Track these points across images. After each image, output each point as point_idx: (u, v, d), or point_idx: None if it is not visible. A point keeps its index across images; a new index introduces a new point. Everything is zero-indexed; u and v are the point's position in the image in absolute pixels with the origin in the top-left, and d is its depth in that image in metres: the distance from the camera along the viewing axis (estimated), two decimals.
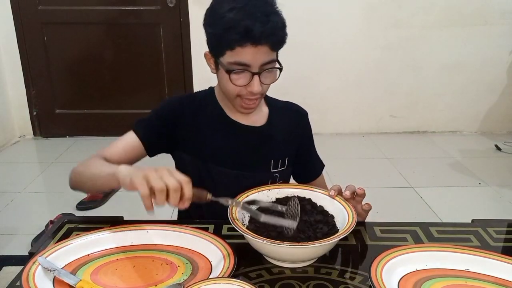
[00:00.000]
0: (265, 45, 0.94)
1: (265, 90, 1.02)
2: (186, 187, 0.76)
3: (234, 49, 0.94)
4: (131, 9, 3.26)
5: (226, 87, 1.00)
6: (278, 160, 1.10)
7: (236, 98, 1.01)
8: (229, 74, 0.97)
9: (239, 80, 0.97)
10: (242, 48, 0.93)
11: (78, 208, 2.37)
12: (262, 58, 0.95)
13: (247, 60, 0.95)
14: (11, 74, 3.33)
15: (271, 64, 0.98)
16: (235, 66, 0.96)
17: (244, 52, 0.94)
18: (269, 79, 1.00)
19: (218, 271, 0.75)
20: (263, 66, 0.96)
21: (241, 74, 0.96)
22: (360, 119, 3.52)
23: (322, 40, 3.29)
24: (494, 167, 2.93)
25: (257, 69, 0.96)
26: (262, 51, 0.94)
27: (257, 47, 0.93)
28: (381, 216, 2.14)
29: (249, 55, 0.94)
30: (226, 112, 1.10)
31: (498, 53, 3.35)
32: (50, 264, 0.75)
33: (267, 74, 0.99)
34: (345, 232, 0.78)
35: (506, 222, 0.97)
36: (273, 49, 0.97)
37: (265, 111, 1.14)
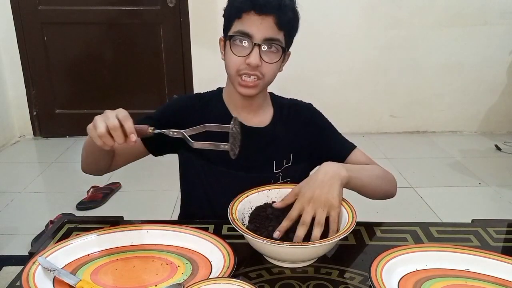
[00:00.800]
0: (269, 17, 0.95)
1: (266, 73, 1.00)
2: (125, 124, 0.81)
3: (241, 18, 0.96)
4: (131, 9, 3.26)
5: (228, 61, 1.00)
6: (282, 159, 1.10)
7: (236, 77, 1.00)
8: (231, 43, 0.98)
9: (240, 50, 0.98)
10: (247, 15, 0.96)
11: (78, 208, 2.37)
12: (265, 32, 0.96)
13: (250, 29, 0.96)
14: (11, 74, 3.33)
15: (275, 41, 0.98)
16: (237, 34, 0.97)
17: (248, 21, 0.96)
18: (270, 58, 0.99)
19: (218, 271, 0.75)
20: (266, 41, 0.97)
21: (242, 44, 0.97)
22: (360, 119, 3.52)
23: (322, 40, 3.29)
24: (494, 167, 2.93)
25: (259, 41, 0.96)
26: (266, 23, 0.95)
27: (261, 16, 0.95)
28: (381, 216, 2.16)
29: (253, 25, 0.95)
30: (232, 112, 1.10)
31: (498, 53, 3.35)
32: (50, 264, 0.75)
33: (269, 52, 0.98)
34: (345, 232, 0.78)
35: (506, 222, 0.97)
36: (278, 26, 0.97)
37: (270, 111, 1.13)
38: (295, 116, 1.14)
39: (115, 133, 0.81)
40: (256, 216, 0.88)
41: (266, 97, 1.14)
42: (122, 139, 0.81)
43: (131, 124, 0.82)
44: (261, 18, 0.95)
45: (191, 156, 1.11)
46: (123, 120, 0.82)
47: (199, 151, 1.08)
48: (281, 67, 1.07)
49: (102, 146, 0.84)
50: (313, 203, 0.83)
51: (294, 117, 1.14)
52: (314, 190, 0.85)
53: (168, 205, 2.28)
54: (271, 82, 1.05)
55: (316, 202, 0.83)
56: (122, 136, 0.81)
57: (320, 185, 0.85)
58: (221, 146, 0.84)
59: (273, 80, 1.05)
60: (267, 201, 0.93)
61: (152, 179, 2.67)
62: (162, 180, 2.57)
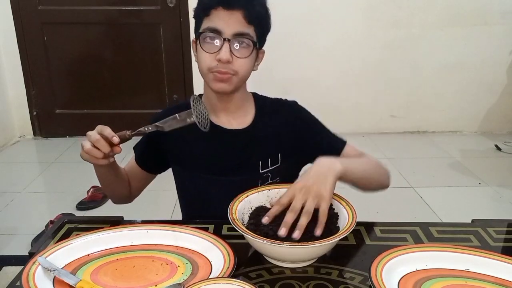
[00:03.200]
0: (238, 11, 0.94)
1: (239, 68, 0.98)
2: (105, 131, 0.87)
3: (209, 15, 0.96)
4: (131, 9, 3.26)
5: (199, 60, 1.00)
6: (267, 159, 1.08)
7: (208, 74, 0.99)
8: (200, 40, 0.97)
9: (210, 46, 0.97)
10: (216, 11, 0.95)
11: (78, 208, 2.37)
12: (234, 26, 0.95)
13: (219, 25, 0.95)
14: (11, 74, 3.33)
15: (245, 36, 0.96)
16: (206, 31, 0.96)
17: (217, 16, 0.95)
18: (241, 52, 0.97)
19: (218, 271, 0.75)
20: (236, 37, 0.96)
21: (212, 41, 0.96)
22: (360, 119, 3.52)
23: (322, 40, 3.29)
24: (494, 167, 2.93)
25: (229, 36, 0.95)
26: (235, 17, 0.95)
27: (229, 11, 0.94)
28: (381, 216, 2.16)
29: (222, 20, 0.95)
30: (211, 118, 1.07)
31: (498, 53, 3.35)
32: (50, 264, 0.75)
33: (240, 48, 0.97)
34: (345, 232, 0.78)
35: (506, 222, 0.97)
36: (248, 20, 0.96)
37: (252, 112, 1.11)
38: (278, 115, 1.12)
39: (99, 144, 0.87)
40: (256, 216, 0.88)
41: (247, 98, 1.11)
42: (106, 147, 0.87)
43: (110, 131, 0.88)
44: (229, 13, 0.95)
45: (178, 169, 1.13)
46: (102, 130, 0.88)
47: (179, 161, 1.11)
48: (256, 66, 1.05)
49: (95, 161, 0.90)
50: (305, 192, 0.82)
51: (277, 116, 1.12)
52: (307, 180, 0.84)
53: (168, 205, 2.28)
54: (245, 79, 1.04)
55: (308, 191, 0.82)
56: (106, 144, 0.87)
57: (314, 176, 0.85)
58: (188, 120, 0.89)
59: (247, 78, 1.04)
60: (267, 201, 0.93)
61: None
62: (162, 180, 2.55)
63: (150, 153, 1.15)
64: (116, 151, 0.89)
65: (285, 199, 0.83)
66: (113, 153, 0.90)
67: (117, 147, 0.88)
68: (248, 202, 0.90)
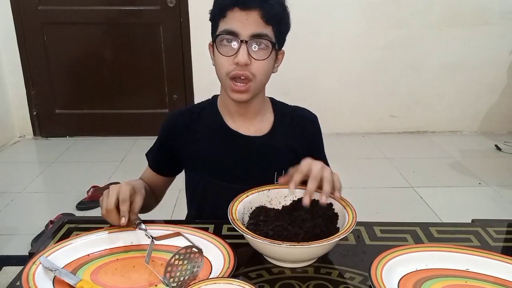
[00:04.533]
0: (254, 11, 0.92)
1: (256, 72, 0.95)
2: (122, 206, 0.85)
3: (225, 17, 0.93)
4: (131, 9, 3.26)
5: (217, 64, 0.98)
6: (281, 171, 1.03)
7: (227, 80, 0.96)
8: (217, 44, 0.95)
9: (227, 49, 0.94)
10: (232, 12, 0.92)
11: (78, 208, 2.37)
12: (252, 28, 0.92)
13: (235, 27, 0.92)
14: (11, 74, 3.33)
15: (263, 38, 0.93)
16: (223, 34, 0.94)
17: (233, 18, 0.92)
18: (259, 54, 0.94)
19: (218, 271, 0.75)
20: (254, 38, 0.93)
21: (230, 44, 0.94)
22: (360, 119, 3.52)
23: (322, 40, 3.29)
24: (494, 167, 2.93)
25: (246, 38, 0.92)
26: (252, 19, 0.92)
27: (246, 12, 0.92)
28: (381, 216, 2.16)
29: (238, 22, 0.92)
30: (227, 121, 1.06)
31: (498, 53, 3.35)
32: (51, 264, 0.75)
33: (258, 49, 0.94)
34: (345, 232, 0.78)
35: (506, 222, 0.97)
36: (265, 20, 0.93)
37: (270, 119, 1.08)
38: (297, 126, 1.09)
39: (109, 216, 0.86)
40: (256, 216, 0.88)
41: (265, 103, 1.09)
42: (116, 221, 0.86)
43: (127, 207, 0.86)
44: (245, 13, 0.92)
45: (190, 172, 1.11)
46: (120, 203, 0.86)
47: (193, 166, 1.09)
48: (275, 67, 1.02)
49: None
50: (322, 166, 0.86)
51: (295, 127, 1.09)
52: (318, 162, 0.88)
53: (168, 205, 2.28)
54: (265, 83, 1.00)
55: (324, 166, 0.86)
56: (117, 218, 0.86)
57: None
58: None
59: (267, 81, 1.00)
60: (267, 201, 0.93)
61: None
62: None
63: (164, 158, 1.13)
64: (121, 222, 0.86)
65: (305, 168, 0.86)
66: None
67: (122, 223, 0.85)
68: (248, 202, 0.90)
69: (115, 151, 3.21)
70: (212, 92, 1.15)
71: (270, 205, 0.93)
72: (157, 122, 1.21)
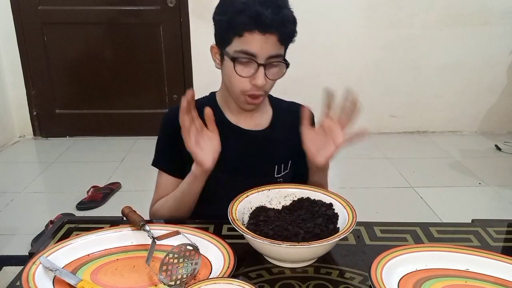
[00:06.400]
0: (273, 35, 0.92)
1: (269, 87, 1.00)
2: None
3: (242, 36, 0.93)
4: (131, 9, 3.26)
5: (231, 80, 0.98)
6: (281, 164, 1.08)
7: (240, 96, 0.99)
8: (234, 63, 0.95)
9: (244, 71, 0.95)
10: (250, 34, 0.92)
11: (78, 208, 2.37)
12: (269, 50, 0.93)
13: (254, 49, 0.93)
14: (11, 74, 3.33)
15: (278, 58, 0.96)
16: (241, 55, 0.94)
17: (252, 40, 0.92)
18: (274, 74, 0.97)
19: (218, 271, 0.75)
20: (270, 59, 0.94)
21: (246, 64, 0.95)
22: (360, 119, 3.51)
23: (322, 40, 3.29)
24: (494, 167, 2.93)
25: (263, 60, 0.94)
26: (270, 41, 0.93)
27: (266, 35, 0.92)
28: (381, 216, 2.16)
29: (257, 44, 0.92)
30: (227, 116, 1.08)
31: (498, 53, 3.35)
32: (51, 264, 0.75)
33: (273, 69, 0.96)
34: (345, 232, 0.78)
35: (506, 222, 0.97)
36: (281, 42, 0.95)
37: (269, 113, 1.11)
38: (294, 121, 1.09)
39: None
40: (256, 216, 0.88)
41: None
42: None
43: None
44: (265, 37, 0.92)
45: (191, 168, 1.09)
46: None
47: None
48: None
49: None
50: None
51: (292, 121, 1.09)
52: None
53: None
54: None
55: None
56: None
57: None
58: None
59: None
60: (267, 201, 0.93)
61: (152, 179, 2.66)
62: None
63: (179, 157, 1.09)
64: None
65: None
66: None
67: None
68: (248, 202, 0.90)
69: (115, 151, 3.21)
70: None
71: (270, 205, 0.93)
72: (157, 122, 1.19)
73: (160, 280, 0.73)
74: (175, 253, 0.73)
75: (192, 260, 0.75)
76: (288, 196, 0.94)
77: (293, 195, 0.93)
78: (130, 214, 0.89)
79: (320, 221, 0.85)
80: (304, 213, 0.87)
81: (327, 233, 0.82)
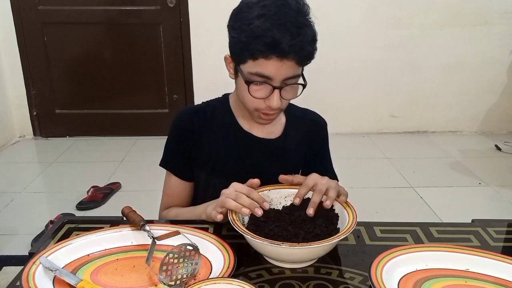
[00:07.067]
0: (291, 59, 0.88)
1: (285, 106, 0.97)
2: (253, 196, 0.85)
3: (257, 59, 0.89)
4: (131, 9, 3.26)
5: (244, 98, 0.96)
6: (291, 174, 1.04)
7: (254, 112, 0.97)
8: (248, 85, 0.92)
9: (258, 92, 0.92)
10: (266, 60, 0.88)
11: (78, 208, 2.37)
12: (286, 73, 0.89)
13: (269, 73, 0.89)
14: (11, 74, 3.33)
15: (294, 79, 0.92)
16: (255, 77, 0.90)
17: (267, 64, 0.88)
18: (290, 94, 0.94)
19: (218, 271, 0.75)
20: (286, 81, 0.91)
21: (261, 86, 0.91)
22: (360, 119, 3.52)
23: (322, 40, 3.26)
24: (494, 167, 2.93)
25: (279, 83, 0.90)
26: (287, 65, 0.88)
27: (283, 60, 0.88)
28: (381, 216, 2.16)
29: (273, 68, 0.88)
30: (240, 122, 1.06)
31: (498, 53, 3.35)
32: (51, 264, 0.75)
33: (289, 89, 0.93)
34: (345, 233, 0.78)
35: (506, 222, 0.97)
36: (299, 64, 0.91)
37: (282, 121, 1.08)
38: (307, 130, 1.10)
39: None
40: (256, 216, 0.88)
41: None
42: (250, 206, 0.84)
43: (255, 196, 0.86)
44: (282, 62, 0.88)
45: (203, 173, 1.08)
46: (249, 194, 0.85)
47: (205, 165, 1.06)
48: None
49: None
50: (327, 180, 0.86)
51: (306, 131, 1.09)
52: (322, 177, 0.87)
53: None
54: None
55: (328, 181, 0.86)
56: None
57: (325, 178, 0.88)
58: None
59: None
60: (267, 201, 0.93)
61: (152, 179, 2.67)
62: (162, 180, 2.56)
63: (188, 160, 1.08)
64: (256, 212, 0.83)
65: (311, 182, 0.86)
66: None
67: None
68: None
69: (115, 151, 3.21)
70: (212, 92, 1.15)
71: (270, 206, 0.93)
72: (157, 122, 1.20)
73: (160, 280, 0.73)
74: (175, 253, 0.73)
75: (192, 260, 0.75)
76: (288, 197, 0.94)
77: (293, 196, 0.93)
78: (130, 214, 0.89)
79: (320, 221, 0.85)
80: (304, 213, 0.87)
81: (327, 233, 0.82)
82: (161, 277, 0.72)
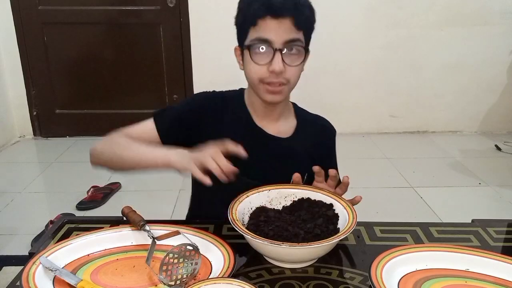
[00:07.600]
0: (287, 19, 0.92)
1: (291, 77, 0.97)
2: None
3: (256, 25, 0.93)
4: (131, 9, 3.26)
5: (250, 72, 0.97)
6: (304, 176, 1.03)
7: (259, 85, 0.97)
8: (250, 52, 0.94)
9: (260, 57, 0.94)
10: (263, 21, 0.92)
11: (78, 208, 2.37)
12: (285, 35, 0.92)
13: (268, 35, 0.92)
14: (11, 74, 3.33)
15: (295, 43, 0.94)
16: (256, 42, 0.94)
17: (265, 27, 0.92)
18: (293, 60, 0.95)
19: (218, 271, 0.75)
20: (287, 44, 0.93)
21: (262, 51, 0.94)
22: (360, 119, 3.52)
23: (322, 40, 3.28)
24: (494, 167, 2.93)
25: (279, 45, 0.93)
26: (284, 26, 0.92)
27: (279, 20, 0.92)
28: (381, 216, 2.16)
29: (271, 30, 0.92)
30: (253, 117, 1.07)
31: (498, 53, 3.35)
32: (51, 264, 0.75)
33: (291, 55, 0.94)
34: (345, 232, 0.78)
35: (506, 222, 0.97)
36: (297, 26, 0.93)
37: (293, 122, 1.10)
38: (316, 134, 1.11)
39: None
40: (256, 216, 0.88)
41: (288, 106, 1.11)
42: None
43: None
44: (278, 21, 0.92)
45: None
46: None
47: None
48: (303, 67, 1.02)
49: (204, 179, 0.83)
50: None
51: (315, 135, 1.10)
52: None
53: (168, 205, 2.28)
54: (295, 85, 1.01)
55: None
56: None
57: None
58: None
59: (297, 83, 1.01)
60: (268, 201, 0.93)
61: (152, 179, 2.67)
62: (162, 180, 2.57)
63: (181, 128, 1.06)
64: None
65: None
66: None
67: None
68: (249, 203, 0.90)
69: None
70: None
71: (271, 206, 0.93)
72: None
73: (160, 280, 0.73)
74: (175, 253, 0.73)
75: (192, 260, 0.75)
76: (288, 197, 0.94)
77: (294, 196, 0.93)
78: (130, 214, 0.89)
79: (320, 221, 0.85)
80: (304, 213, 0.87)
81: (327, 233, 0.82)
82: (161, 277, 0.72)
